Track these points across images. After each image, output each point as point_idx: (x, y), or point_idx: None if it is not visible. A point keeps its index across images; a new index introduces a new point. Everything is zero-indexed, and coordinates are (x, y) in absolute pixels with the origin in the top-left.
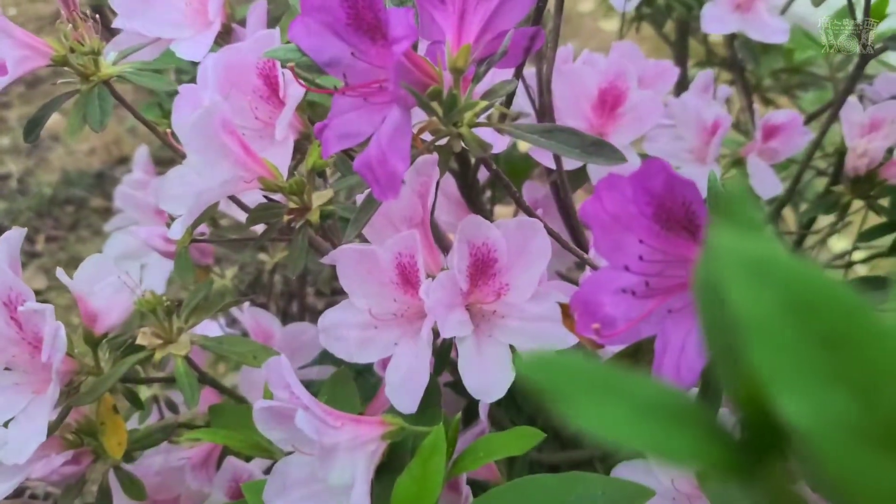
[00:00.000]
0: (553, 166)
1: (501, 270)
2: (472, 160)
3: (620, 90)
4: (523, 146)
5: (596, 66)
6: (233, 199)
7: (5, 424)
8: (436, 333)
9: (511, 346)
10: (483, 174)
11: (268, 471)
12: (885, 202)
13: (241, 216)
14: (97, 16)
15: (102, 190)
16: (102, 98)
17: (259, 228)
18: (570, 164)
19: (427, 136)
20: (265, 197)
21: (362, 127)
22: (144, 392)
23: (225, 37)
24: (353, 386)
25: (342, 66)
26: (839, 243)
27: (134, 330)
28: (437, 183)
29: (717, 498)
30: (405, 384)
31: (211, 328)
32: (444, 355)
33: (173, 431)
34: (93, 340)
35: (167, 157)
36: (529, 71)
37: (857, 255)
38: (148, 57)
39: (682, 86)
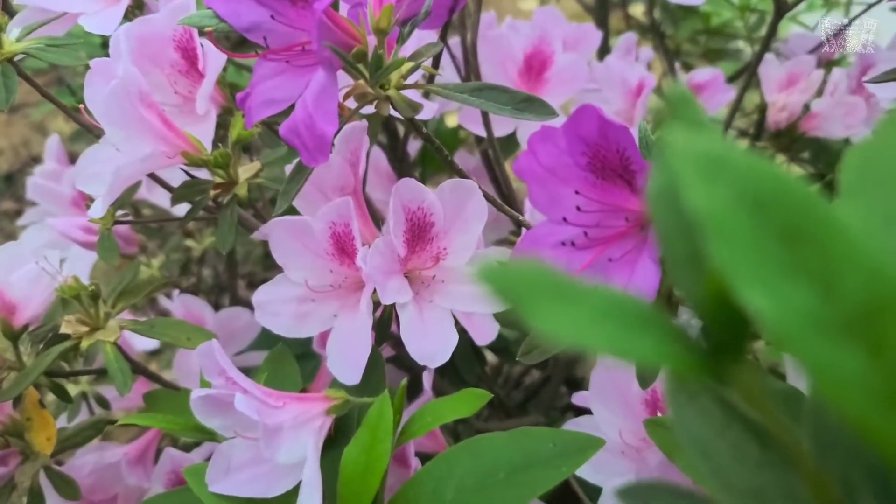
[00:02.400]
0: (483, 134)
1: (439, 234)
2: (402, 132)
3: (546, 54)
4: (451, 120)
5: (520, 32)
6: (157, 180)
7: None
8: (376, 305)
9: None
10: (412, 149)
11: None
12: (807, 155)
13: (164, 202)
14: None
15: (12, 193)
16: (7, 76)
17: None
18: (500, 130)
19: (352, 104)
20: (188, 175)
21: (287, 92)
22: (72, 389)
23: (136, 12)
24: (293, 361)
25: (262, 31)
26: None
27: (57, 320)
28: (368, 156)
29: (679, 407)
30: (347, 355)
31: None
32: (384, 327)
33: (105, 427)
34: (12, 334)
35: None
36: (454, 41)
37: None
38: (55, 33)
39: (603, 54)
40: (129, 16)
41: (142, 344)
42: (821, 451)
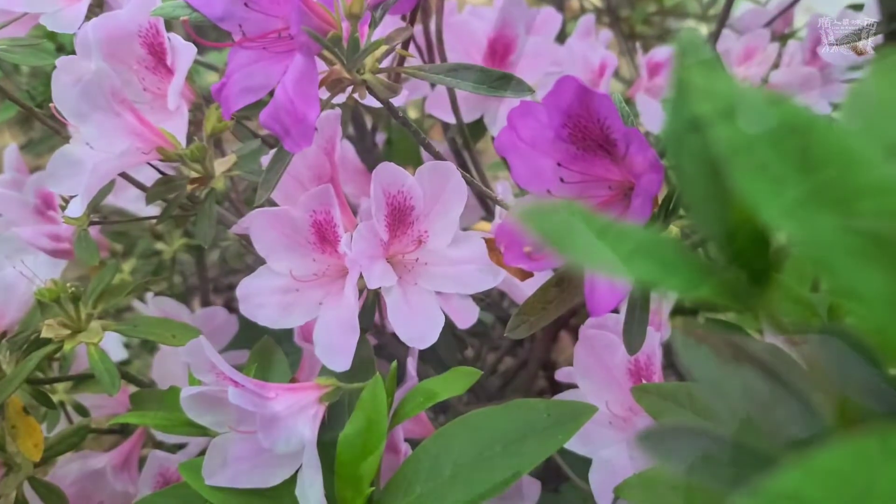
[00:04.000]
0: (451, 120)
1: (419, 217)
2: (370, 124)
3: (510, 38)
4: (413, 112)
5: (483, 17)
6: (129, 179)
7: None
8: (359, 293)
9: None
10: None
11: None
12: None
13: (130, 206)
14: None
15: None
16: None
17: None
18: (466, 118)
19: (323, 94)
20: (160, 172)
21: (264, 79)
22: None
23: (96, 10)
24: (280, 352)
25: (237, 19)
26: None
27: (36, 325)
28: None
29: (689, 352)
30: (335, 342)
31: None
32: (367, 315)
33: (87, 434)
34: None
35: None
36: (416, 28)
37: None
38: (17, 34)
39: (560, 39)
40: (89, 14)
41: (112, 355)
42: (837, 374)
